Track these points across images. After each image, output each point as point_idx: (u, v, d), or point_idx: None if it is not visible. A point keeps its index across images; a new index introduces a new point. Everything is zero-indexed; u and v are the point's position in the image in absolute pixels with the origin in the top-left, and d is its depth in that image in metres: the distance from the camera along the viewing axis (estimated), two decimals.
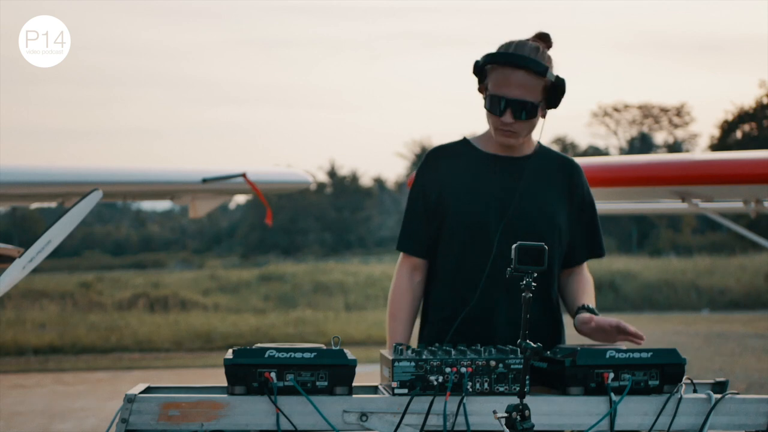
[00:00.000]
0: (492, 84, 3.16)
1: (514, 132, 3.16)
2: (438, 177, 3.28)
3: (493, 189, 3.21)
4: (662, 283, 24.79)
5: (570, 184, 3.28)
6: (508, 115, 3.13)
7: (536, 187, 3.22)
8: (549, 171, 3.26)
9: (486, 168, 3.25)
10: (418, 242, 3.30)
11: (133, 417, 2.61)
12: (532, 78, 3.12)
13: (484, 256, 3.17)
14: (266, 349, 2.66)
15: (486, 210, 3.20)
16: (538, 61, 3.12)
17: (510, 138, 3.18)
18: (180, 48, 74.61)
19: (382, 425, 2.65)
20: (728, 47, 74.13)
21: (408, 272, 3.31)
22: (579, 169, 3.31)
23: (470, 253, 3.19)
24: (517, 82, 3.12)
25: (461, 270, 3.21)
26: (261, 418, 2.63)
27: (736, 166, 7.98)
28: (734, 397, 2.75)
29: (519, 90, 3.12)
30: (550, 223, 3.21)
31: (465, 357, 2.70)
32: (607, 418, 2.67)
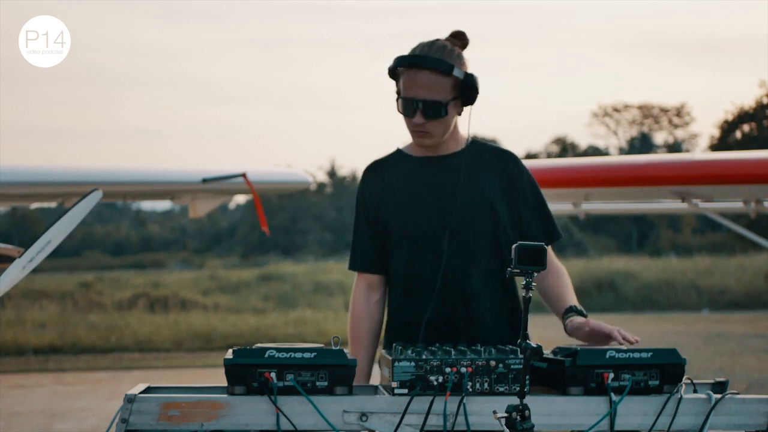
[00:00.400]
0: (402, 87, 3.18)
1: (427, 132, 3.18)
2: (376, 190, 3.31)
3: (429, 190, 3.24)
4: (662, 283, 24.78)
5: (507, 174, 3.27)
6: (419, 116, 3.15)
7: (472, 181, 3.23)
8: (483, 164, 3.27)
9: (418, 172, 3.28)
10: (369, 259, 3.33)
11: (133, 417, 2.61)
12: (438, 77, 3.13)
13: (433, 257, 3.20)
14: (266, 349, 2.66)
15: (426, 212, 3.22)
16: (441, 60, 3.13)
17: (425, 138, 3.21)
18: (180, 48, 74.65)
19: (382, 425, 2.65)
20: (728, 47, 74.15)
21: (364, 292, 3.36)
22: (514, 158, 3.31)
23: (419, 257, 3.22)
24: (423, 83, 3.14)
25: (413, 274, 3.23)
26: (261, 418, 2.63)
27: (736, 166, 7.98)
28: (734, 397, 2.75)
29: (426, 90, 3.14)
30: (491, 214, 3.22)
31: (465, 357, 2.70)
32: (607, 418, 2.67)
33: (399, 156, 3.34)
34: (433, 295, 3.17)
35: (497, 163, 3.28)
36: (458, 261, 3.19)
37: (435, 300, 3.17)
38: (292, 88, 77.66)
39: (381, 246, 3.31)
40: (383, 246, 3.31)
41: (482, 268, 3.21)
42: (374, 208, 3.30)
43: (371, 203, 3.31)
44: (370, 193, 3.33)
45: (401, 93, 3.18)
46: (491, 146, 3.34)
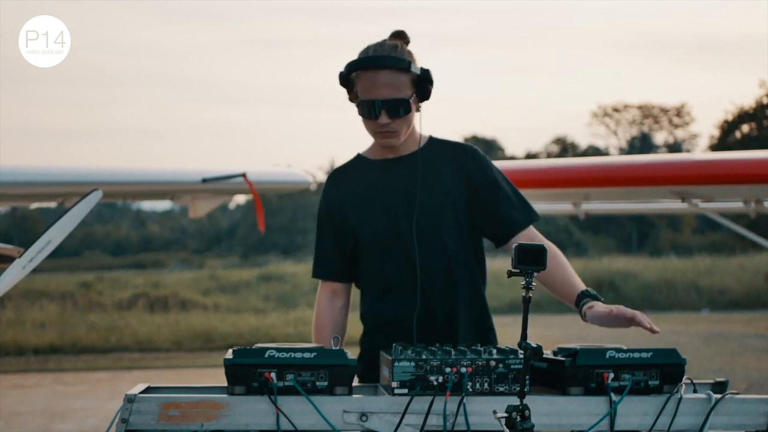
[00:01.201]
0: (361, 90, 3.17)
1: (392, 131, 3.18)
2: (338, 197, 3.32)
3: (391, 192, 3.25)
4: (662, 283, 24.78)
5: (466, 166, 3.26)
6: (384, 116, 3.15)
7: (432, 178, 3.24)
8: (441, 159, 3.27)
9: (379, 175, 3.28)
10: (332, 267, 3.36)
11: (133, 417, 2.61)
12: (398, 75, 3.14)
13: (403, 258, 3.21)
14: (266, 349, 2.66)
15: (391, 214, 3.23)
16: (399, 57, 3.15)
17: (391, 138, 3.20)
18: (180, 48, 74.66)
19: (382, 425, 2.65)
20: (728, 47, 74.16)
21: (328, 299, 3.38)
22: (473, 150, 3.31)
23: (390, 259, 3.23)
24: (384, 82, 3.14)
25: (385, 276, 3.24)
26: (261, 418, 2.63)
27: (736, 166, 7.98)
28: (734, 397, 2.75)
29: (388, 89, 3.14)
30: (451, 209, 3.23)
31: (465, 357, 2.70)
32: (607, 418, 2.67)
33: (359, 161, 3.35)
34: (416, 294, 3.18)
35: (455, 156, 3.29)
36: (429, 259, 3.21)
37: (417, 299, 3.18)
38: (292, 88, 77.71)
39: (345, 253, 3.33)
40: (347, 253, 3.32)
41: (453, 263, 3.23)
42: (338, 215, 3.32)
43: (335, 210, 3.32)
44: (332, 201, 3.33)
45: (360, 96, 3.17)
46: (449, 142, 3.34)
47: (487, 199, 3.26)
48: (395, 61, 3.14)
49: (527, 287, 2.56)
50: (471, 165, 3.27)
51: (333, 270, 3.37)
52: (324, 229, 3.38)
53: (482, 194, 3.26)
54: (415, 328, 3.18)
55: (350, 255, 3.33)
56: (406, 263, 3.21)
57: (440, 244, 3.22)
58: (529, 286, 2.56)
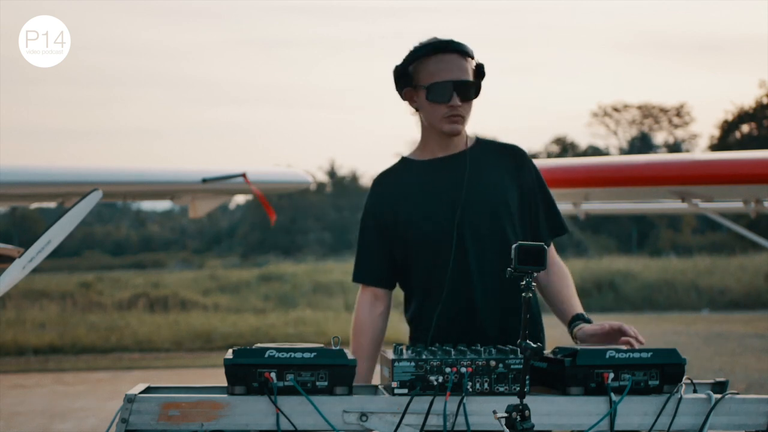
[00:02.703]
0: (429, 75, 3.15)
1: (461, 116, 3.17)
2: (387, 201, 3.26)
3: (440, 193, 3.20)
4: (662, 283, 24.78)
5: (515, 167, 3.25)
6: (456, 99, 3.14)
7: (481, 175, 3.21)
8: (490, 158, 3.25)
9: (429, 175, 3.24)
10: (376, 271, 3.29)
11: (133, 417, 2.61)
12: (465, 61, 3.16)
13: (449, 258, 3.16)
14: (266, 349, 2.66)
15: (440, 214, 3.18)
16: (464, 44, 3.17)
17: (458, 124, 3.18)
18: (180, 48, 74.66)
19: (382, 425, 2.65)
20: (728, 47, 74.15)
21: (369, 304, 3.30)
22: (522, 152, 3.29)
23: (439, 260, 3.18)
24: (455, 66, 3.14)
25: (433, 279, 3.19)
26: (261, 418, 2.63)
27: (736, 166, 7.98)
28: (734, 397, 2.75)
29: (459, 72, 3.14)
30: (502, 206, 3.19)
31: (465, 357, 2.70)
32: (607, 418, 2.67)
33: (405, 163, 3.30)
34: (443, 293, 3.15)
35: (505, 156, 3.26)
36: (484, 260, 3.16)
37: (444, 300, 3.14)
38: (292, 88, 77.70)
39: (392, 258, 3.27)
40: (395, 258, 3.26)
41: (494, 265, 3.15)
42: (388, 218, 3.25)
43: (384, 214, 3.26)
44: (381, 205, 3.27)
45: (434, 79, 3.14)
46: (496, 142, 3.33)
47: (531, 203, 3.25)
48: (463, 46, 3.16)
49: (527, 287, 2.56)
50: (522, 167, 3.25)
51: (376, 275, 3.29)
52: (370, 232, 3.30)
53: (525, 197, 3.24)
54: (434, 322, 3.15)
55: (398, 260, 3.26)
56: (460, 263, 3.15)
57: (496, 244, 3.16)
58: (529, 286, 2.56)
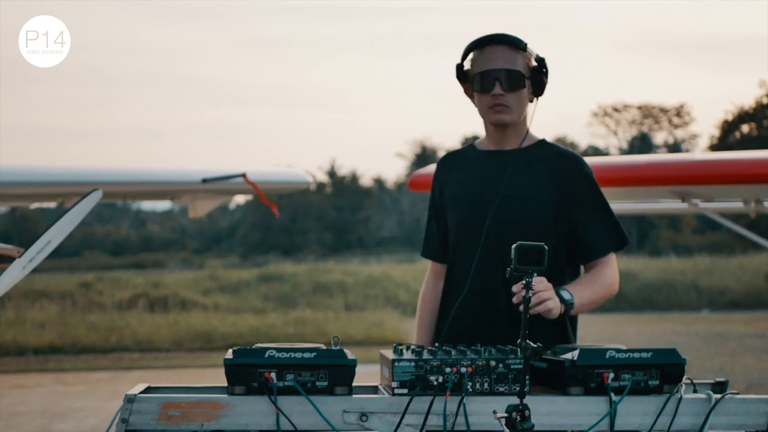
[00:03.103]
0: (477, 66, 3.20)
1: (506, 105, 3.18)
2: (442, 182, 3.36)
3: (484, 184, 3.23)
4: (662, 283, 24.78)
5: (564, 174, 3.22)
6: (498, 87, 3.16)
7: (522, 177, 3.21)
8: (539, 160, 3.23)
9: (481, 165, 3.28)
10: (434, 248, 3.40)
11: (133, 417, 2.61)
12: (514, 52, 3.18)
13: (473, 250, 3.19)
14: (266, 349, 2.66)
15: (477, 205, 3.22)
16: (516, 36, 3.19)
17: (503, 114, 3.19)
18: (180, 48, 74.68)
19: (382, 425, 2.65)
20: (728, 47, 74.17)
21: (433, 280, 3.43)
22: (577, 161, 3.26)
23: (462, 250, 3.24)
24: (501, 56, 3.17)
25: (459, 266, 3.25)
26: (261, 418, 2.63)
27: (736, 166, 7.97)
28: (734, 397, 2.75)
29: (503, 62, 3.17)
30: (537, 210, 3.17)
31: (465, 357, 2.70)
32: (607, 418, 2.67)
33: (470, 149, 3.37)
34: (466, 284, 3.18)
35: (557, 163, 3.24)
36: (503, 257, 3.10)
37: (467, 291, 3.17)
38: (292, 88, 77.73)
39: (446, 236, 3.34)
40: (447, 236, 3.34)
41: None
42: (439, 198, 3.36)
43: (437, 194, 3.37)
44: (437, 184, 3.38)
45: (478, 69, 3.19)
46: (556, 146, 3.31)
47: (576, 214, 3.21)
48: (512, 38, 3.18)
49: (527, 287, 2.56)
50: (568, 173, 3.23)
51: (434, 251, 3.40)
52: (430, 210, 3.42)
53: (571, 208, 3.21)
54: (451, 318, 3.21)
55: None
56: (476, 257, 3.18)
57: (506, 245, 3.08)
58: (529, 286, 2.56)
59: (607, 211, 3.26)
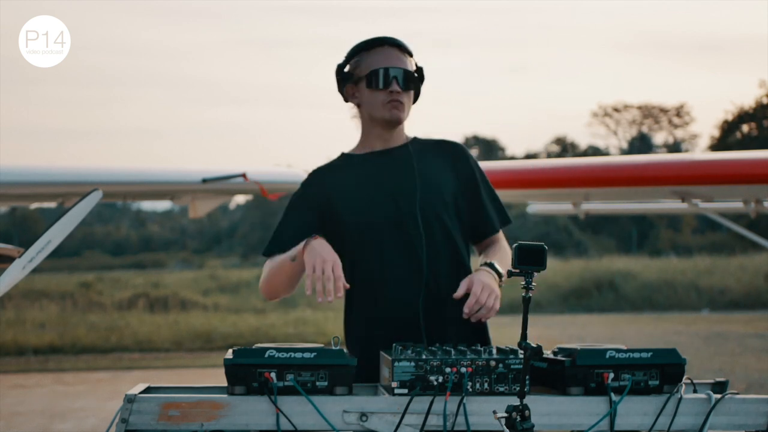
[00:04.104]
0: (370, 65, 3.25)
1: (401, 102, 3.24)
2: (323, 191, 3.27)
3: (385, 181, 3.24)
4: (662, 283, 24.77)
5: (452, 161, 3.30)
6: (395, 85, 3.22)
7: (425, 169, 3.26)
8: (428, 153, 3.30)
9: (371, 167, 3.28)
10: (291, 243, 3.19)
11: (133, 417, 2.61)
12: (406, 58, 3.27)
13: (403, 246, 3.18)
14: (266, 349, 2.66)
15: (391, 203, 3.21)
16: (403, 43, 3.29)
17: (398, 110, 3.24)
18: (180, 48, 74.67)
19: (382, 425, 2.65)
20: (728, 47, 74.15)
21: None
22: (459, 146, 3.35)
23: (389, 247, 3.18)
24: (395, 57, 3.26)
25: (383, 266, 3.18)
26: (261, 418, 2.63)
27: (736, 166, 7.98)
28: (734, 397, 2.75)
29: (399, 62, 3.25)
30: (450, 199, 3.25)
31: (465, 357, 2.70)
32: (607, 418, 2.67)
33: (344, 159, 3.35)
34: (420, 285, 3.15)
35: (443, 151, 3.32)
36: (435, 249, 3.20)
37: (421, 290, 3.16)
38: (292, 88, 77.73)
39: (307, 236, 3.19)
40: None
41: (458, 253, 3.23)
42: (324, 208, 3.25)
43: (321, 205, 3.25)
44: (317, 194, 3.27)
45: (373, 67, 3.23)
46: (433, 139, 3.38)
47: (473, 196, 3.30)
48: (402, 42, 3.28)
49: (527, 287, 2.56)
50: (460, 160, 3.32)
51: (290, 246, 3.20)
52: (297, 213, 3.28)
53: (469, 190, 3.30)
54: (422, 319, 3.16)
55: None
56: (410, 253, 3.17)
57: (445, 235, 3.22)
58: (529, 286, 2.56)
59: (492, 189, 3.38)
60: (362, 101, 3.28)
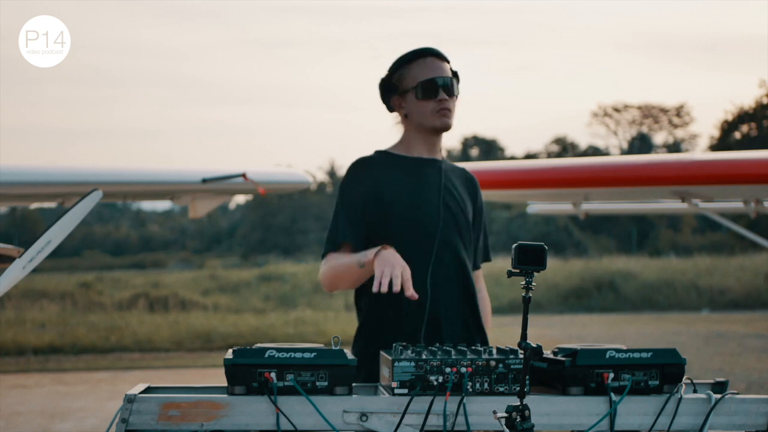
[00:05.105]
0: (417, 76, 3.36)
1: (450, 110, 3.38)
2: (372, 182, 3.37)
3: (427, 189, 3.37)
4: (662, 283, 24.77)
5: (473, 191, 3.49)
6: (443, 93, 3.36)
7: (453, 189, 3.43)
8: (456, 175, 3.48)
9: (415, 168, 3.40)
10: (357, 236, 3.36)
11: (133, 417, 2.61)
12: (444, 64, 3.41)
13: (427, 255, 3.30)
14: (266, 349, 2.66)
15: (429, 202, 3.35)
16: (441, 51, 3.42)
17: (448, 118, 3.38)
18: (180, 48, 74.68)
19: (382, 425, 2.65)
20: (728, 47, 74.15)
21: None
22: (476, 181, 3.55)
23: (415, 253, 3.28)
24: (438, 67, 3.38)
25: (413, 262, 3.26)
26: (261, 418, 2.63)
27: (736, 166, 7.98)
28: (734, 397, 2.75)
29: (443, 71, 3.38)
30: (466, 222, 3.41)
31: (465, 357, 2.70)
32: (607, 418, 2.68)
33: (386, 155, 3.44)
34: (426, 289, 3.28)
35: (466, 178, 3.51)
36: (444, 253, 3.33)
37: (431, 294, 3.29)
38: (292, 88, 77.74)
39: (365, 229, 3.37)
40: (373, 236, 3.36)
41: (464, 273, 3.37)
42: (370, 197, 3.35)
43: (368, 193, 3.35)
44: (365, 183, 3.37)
45: (420, 78, 3.35)
46: (458, 166, 3.57)
47: (478, 226, 3.50)
48: (441, 52, 3.41)
49: (527, 287, 2.56)
50: (477, 194, 3.50)
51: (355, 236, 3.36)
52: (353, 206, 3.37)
53: (477, 222, 3.49)
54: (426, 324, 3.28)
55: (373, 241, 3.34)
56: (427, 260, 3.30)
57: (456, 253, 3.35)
58: (529, 286, 2.56)
59: (486, 226, 3.58)
60: (410, 111, 3.40)
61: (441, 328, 3.28)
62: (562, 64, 75.48)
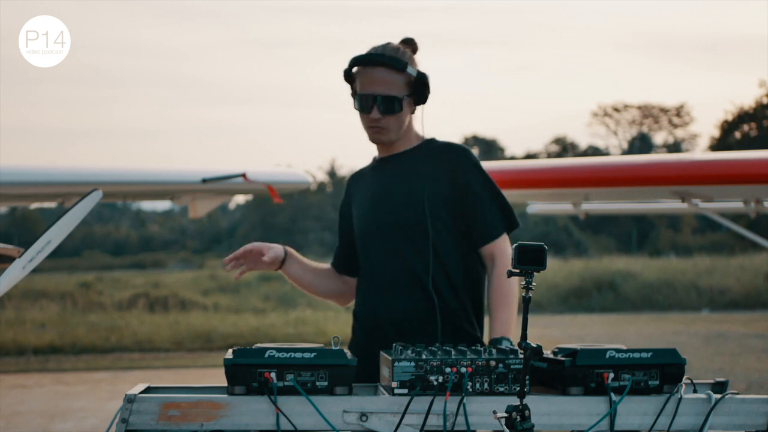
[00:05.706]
0: (359, 85, 3.30)
1: (382, 128, 3.30)
2: (349, 197, 3.51)
3: (381, 189, 3.37)
4: (662, 283, 24.75)
5: (450, 165, 3.31)
6: (375, 111, 3.27)
7: (413, 175, 3.31)
8: (427, 158, 3.34)
9: (376, 173, 3.42)
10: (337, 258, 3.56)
11: (133, 417, 2.61)
12: (393, 74, 3.26)
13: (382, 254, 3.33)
14: (266, 349, 2.66)
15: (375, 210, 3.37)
16: (395, 57, 3.26)
17: (380, 135, 3.32)
18: (180, 48, 74.69)
19: (382, 425, 2.65)
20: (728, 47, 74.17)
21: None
22: (461, 150, 3.37)
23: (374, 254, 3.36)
24: (379, 79, 3.26)
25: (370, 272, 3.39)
26: (261, 418, 2.63)
27: (736, 166, 7.98)
28: (734, 397, 2.75)
29: (382, 86, 3.26)
30: (430, 206, 3.27)
31: (465, 357, 2.70)
32: (607, 418, 2.67)
33: (372, 162, 3.49)
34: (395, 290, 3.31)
35: (441, 156, 3.34)
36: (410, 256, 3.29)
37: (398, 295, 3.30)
38: (292, 88, 77.76)
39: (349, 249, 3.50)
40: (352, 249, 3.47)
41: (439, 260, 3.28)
42: (347, 213, 3.51)
43: (347, 213, 3.51)
44: (346, 203, 3.53)
45: (358, 90, 3.30)
46: (443, 142, 3.40)
47: (467, 200, 3.31)
48: (391, 60, 3.25)
49: (527, 287, 2.56)
50: (455, 164, 3.32)
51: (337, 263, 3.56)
52: (340, 221, 3.56)
53: (463, 195, 3.31)
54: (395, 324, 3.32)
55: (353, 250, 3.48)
56: (383, 260, 3.32)
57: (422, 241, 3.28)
58: (529, 286, 2.56)
59: (496, 195, 3.36)
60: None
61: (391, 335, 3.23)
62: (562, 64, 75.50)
